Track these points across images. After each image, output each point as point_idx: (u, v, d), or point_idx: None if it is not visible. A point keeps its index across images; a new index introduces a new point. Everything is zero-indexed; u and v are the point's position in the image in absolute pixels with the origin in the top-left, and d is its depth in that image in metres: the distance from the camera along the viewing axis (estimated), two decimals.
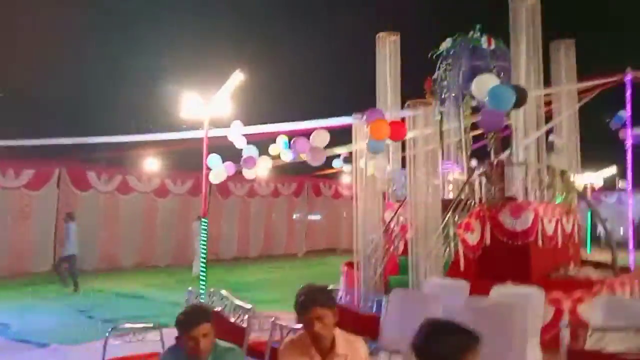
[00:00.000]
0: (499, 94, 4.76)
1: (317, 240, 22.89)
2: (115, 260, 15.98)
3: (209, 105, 9.26)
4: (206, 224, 9.26)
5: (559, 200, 8.04)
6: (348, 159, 12.91)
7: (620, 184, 23.19)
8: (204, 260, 9.33)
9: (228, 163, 9.55)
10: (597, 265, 8.53)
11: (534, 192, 7.50)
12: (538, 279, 7.25)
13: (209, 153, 9.31)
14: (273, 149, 10.52)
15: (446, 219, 7.10)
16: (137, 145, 14.55)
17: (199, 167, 9.09)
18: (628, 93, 8.78)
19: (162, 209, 17.58)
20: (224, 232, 19.24)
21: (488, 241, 7.38)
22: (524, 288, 4.90)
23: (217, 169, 9.12)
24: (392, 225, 8.15)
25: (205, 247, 9.34)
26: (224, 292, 4.35)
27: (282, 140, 10.47)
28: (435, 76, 9.09)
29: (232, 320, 3.93)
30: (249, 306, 3.97)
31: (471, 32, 8.83)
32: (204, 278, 9.14)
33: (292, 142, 6.98)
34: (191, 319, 2.52)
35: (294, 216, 22.38)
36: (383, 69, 9.00)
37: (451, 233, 7.09)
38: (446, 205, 7.37)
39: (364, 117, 6.04)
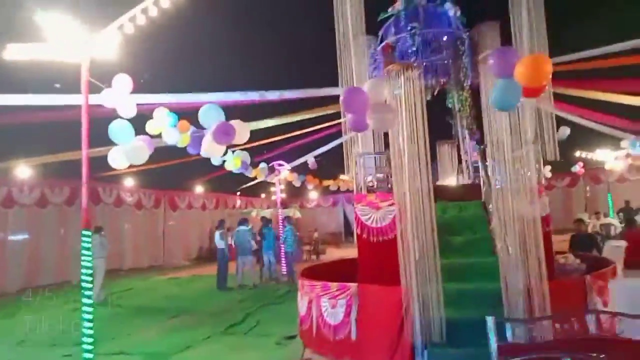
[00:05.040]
0: None
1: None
2: None
3: (91, 41, 5.68)
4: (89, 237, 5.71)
5: None
6: None
7: None
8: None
9: (144, 137, 6.02)
10: None
11: None
12: None
13: (90, 121, 5.69)
14: (152, 127, 7.22)
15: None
16: None
17: None
18: None
19: None
20: None
21: None
22: None
23: (131, 146, 5.53)
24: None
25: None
26: None
27: (163, 114, 7.28)
28: (391, 40, 7.61)
29: None
30: None
31: None
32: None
33: (344, 98, 4.40)
34: None
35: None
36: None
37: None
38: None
39: (490, 60, 4.19)
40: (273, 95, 8.87)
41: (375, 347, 5.39)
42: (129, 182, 19.86)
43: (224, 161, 11.09)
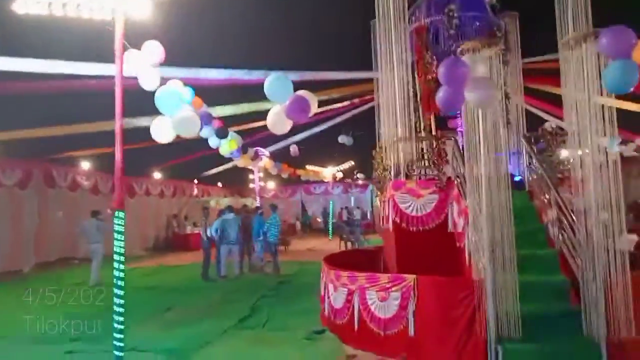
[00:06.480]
0: None
1: (48, 249, 16.60)
2: None
3: None
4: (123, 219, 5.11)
5: None
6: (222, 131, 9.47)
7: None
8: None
9: (190, 107, 5.29)
10: None
11: None
12: None
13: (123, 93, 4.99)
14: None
15: None
16: None
17: None
18: None
19: None
20: None
21: None
22: None
23: (181, 117, 4.83)
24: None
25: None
26: None
27: (175, 87, 6.48)
28: (425, 23, 7.28)
29: None
30: None
31: None
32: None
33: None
34: None
35: None
36: None
37: None
38: None
39: (603, 39, 3.92)
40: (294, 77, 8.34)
41: (440, 342, 5.07)
42: (85, 165, 18.49)
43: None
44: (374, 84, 8.33)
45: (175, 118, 4.89)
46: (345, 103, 14.18)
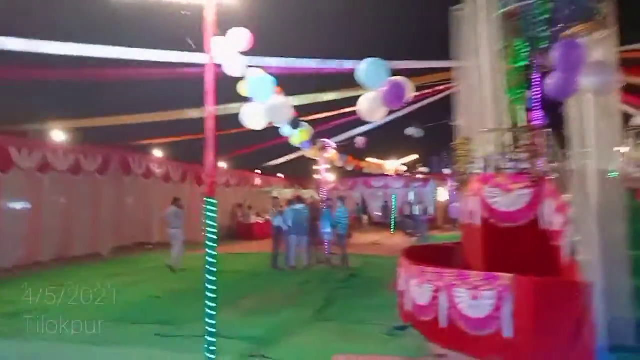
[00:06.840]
0: None
1: (125, 233, 17.38)
2: None
3: None
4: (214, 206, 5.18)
5: None
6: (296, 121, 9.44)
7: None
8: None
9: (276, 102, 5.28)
10: None
11: None
12: None
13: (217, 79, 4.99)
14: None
15: None
16: None
17: None
18: None
19: None
20: None
21: None
22: None
23: (273, 103, 4.82)
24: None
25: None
26: None
27: (259, 77, 6.42)
28: (515, 7, 6.86)
29: None
30: None
31: None
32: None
33: None
34: None
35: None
36: None
37: None
38: None
39: None
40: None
41: (540, 348, 4.76)
42: (158, 153, 19.23)
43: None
44: (454, 73, 8.01)
45: (267, 105, 4.85)
46: (416, 93, 13.80)
